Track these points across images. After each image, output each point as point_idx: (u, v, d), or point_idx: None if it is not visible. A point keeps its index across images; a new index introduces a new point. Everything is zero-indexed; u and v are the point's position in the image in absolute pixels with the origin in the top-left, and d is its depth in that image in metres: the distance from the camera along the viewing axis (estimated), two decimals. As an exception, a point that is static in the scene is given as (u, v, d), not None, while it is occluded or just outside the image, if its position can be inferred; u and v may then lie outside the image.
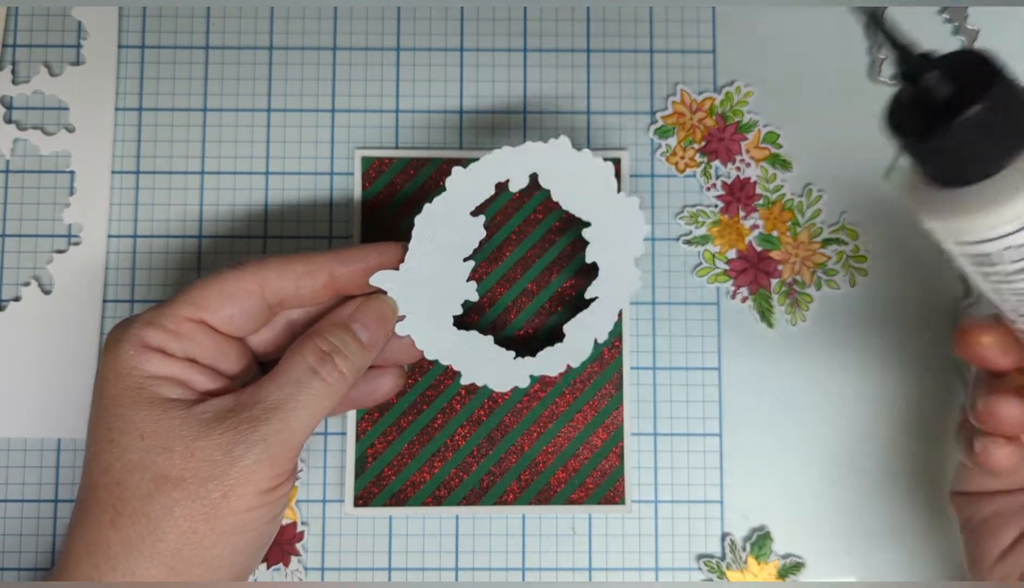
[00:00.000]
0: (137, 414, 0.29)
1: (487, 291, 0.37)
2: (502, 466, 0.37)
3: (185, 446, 0.28)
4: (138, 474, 0.28)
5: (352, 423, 0.37)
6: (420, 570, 0.37)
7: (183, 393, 0.29)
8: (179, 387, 0.29)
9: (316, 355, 0.30)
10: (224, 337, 0.31)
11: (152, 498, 0.28)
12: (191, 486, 0.28)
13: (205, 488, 0.28)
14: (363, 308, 0.31)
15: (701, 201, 0.38)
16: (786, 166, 0.38)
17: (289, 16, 0.39)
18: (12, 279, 0.38)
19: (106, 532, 0.28)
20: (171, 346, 0.30)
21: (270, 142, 0.39)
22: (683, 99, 0.39)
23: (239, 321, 0.31)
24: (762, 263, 0.38)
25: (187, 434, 0.28)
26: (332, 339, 0.30)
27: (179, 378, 0.29)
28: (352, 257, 0.31)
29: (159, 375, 0.29)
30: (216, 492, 0.28)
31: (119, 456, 0.28)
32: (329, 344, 0.30)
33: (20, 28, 0.39)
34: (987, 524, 0.28)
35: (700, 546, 0.37)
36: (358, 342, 0.31)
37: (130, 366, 0.29)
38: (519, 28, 0.39)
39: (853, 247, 0.38)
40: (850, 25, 0.39)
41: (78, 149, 0.38)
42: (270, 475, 0.29)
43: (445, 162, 0.38)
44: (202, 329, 0.30)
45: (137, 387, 0.29)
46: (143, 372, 0.29)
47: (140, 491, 0.28)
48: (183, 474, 0.28)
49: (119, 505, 0.28)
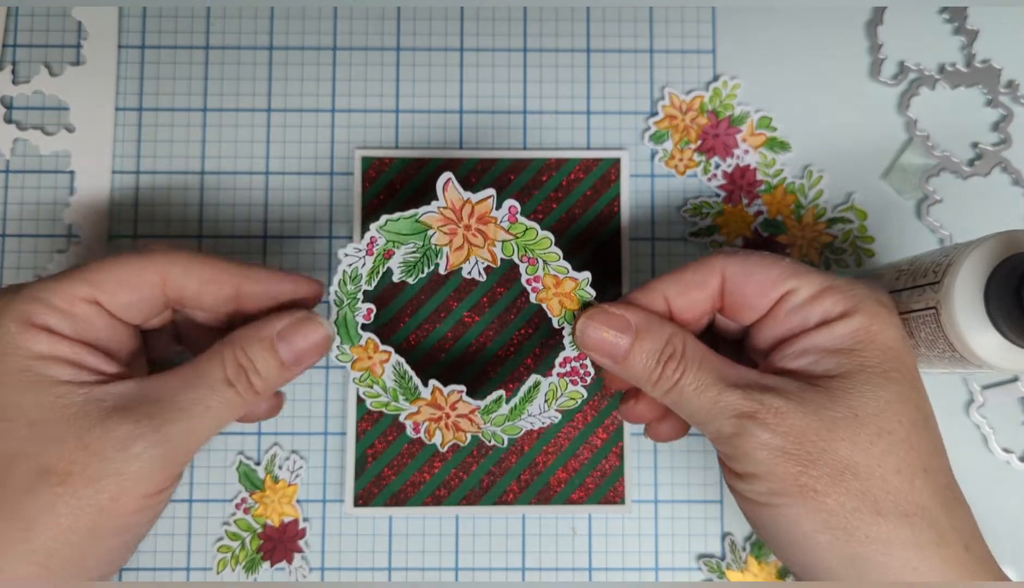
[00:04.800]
0: (24, 398, 0.26)
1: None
2: (502, 466, 0.37)
3: (78, 437, 0.26)
4: (22, 464, 0.26)
5: (352, 423, 0.37)
6: (420, 570, 0.37)
7: (75, 374, 0.27)
8: (70, 367, 0.27)
9: (234, 367, 0.28)
10: (118, 322, 0.29)
11: (32, 492, 0.25)
12: (78, 483, 0.26)
13: (93, 488, 0.26)
14: (296, 329, 0.29)
15: (703, 193, 0.38)
16: (784, 147, 0.38)
17: (289, 16, 0.39)
18: (12, 279, 0.38)
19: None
20: (61, 326, 0.27)
21: (270, 142, 0.39)
22: (672, 101, 0.39)
23: (135, 310, 0.29)
24: (770, 248, 0.38)
25: (82, 423, 0.26)
26: (253, 355, 0.28)
27: (69, 358, 0.27)
28: (265, 278, 0.30)
29: (47, 355, 0.27)
30: (105, 493, 0.26)
31: (2, 446, 0.26)
32: (248, 360, 0.28)
33: (20, 28, 0.39)
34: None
35: (700, 546, 0.37)
36: (277, 362, 0.29)
37: (14, 344, 0.27)
38: (519, 28, 0.39)
39: (859, 226, 0.38)
40: (843, 21, 0.39)
41: (78, 149, 0.38)
42: (162, 478, 0.27)
43: (445, 162, 0.38)
44: (96, 311, 0.28)
45: (21, 368, 0.26)
46: (30, 351, 0.27)
47: (19, 483, 0.26)
48: (70, 469, 0.26)
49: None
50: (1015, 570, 0.37)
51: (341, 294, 0.32)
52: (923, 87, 0.39)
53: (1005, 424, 0.38)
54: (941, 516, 0.27)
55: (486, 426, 0.33)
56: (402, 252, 0.32)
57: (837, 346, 0.28)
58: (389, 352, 0.32)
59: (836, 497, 0.26)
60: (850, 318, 0.28)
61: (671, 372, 0.29)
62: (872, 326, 0.28)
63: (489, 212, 0.31)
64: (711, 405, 0.28)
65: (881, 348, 0.28)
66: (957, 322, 0.28)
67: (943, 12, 0.39)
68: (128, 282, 0.28)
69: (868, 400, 0.27)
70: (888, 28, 0.39)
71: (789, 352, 0.29)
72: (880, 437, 0.27)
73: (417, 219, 0.31)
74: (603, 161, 0.38)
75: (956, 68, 0.39)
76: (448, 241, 0.32)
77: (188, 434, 0.27)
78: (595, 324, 0.30)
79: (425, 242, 0.32)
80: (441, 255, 0.32)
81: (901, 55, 0.39)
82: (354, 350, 0.32)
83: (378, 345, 0.32)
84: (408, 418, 0.33)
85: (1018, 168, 0.38)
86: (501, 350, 0.37)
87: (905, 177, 0.39)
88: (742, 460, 0.28)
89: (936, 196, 0.38)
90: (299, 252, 0.38)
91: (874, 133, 0.39)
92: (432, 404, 0.33)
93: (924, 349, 0.30)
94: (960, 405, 0.38)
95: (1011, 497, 0.37)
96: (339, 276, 0.32)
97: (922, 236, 0.38)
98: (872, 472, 0.26)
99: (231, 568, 0.37)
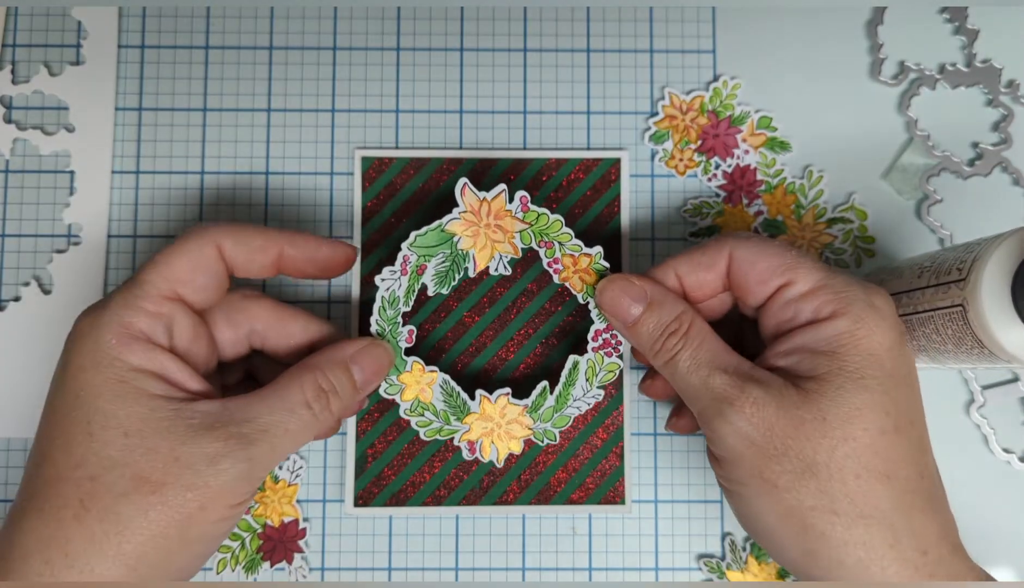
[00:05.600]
0: (121, 409, 0.28)
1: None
2: (502, 466, 0.37)
3: (170, 450, 0.28)
4: (117, 471, 0.27)
5: (352, 423, 0.37)
6: (420, 570, 0.37)
7: (166, 390, 0.29)
8: (161, 383, 0.29)
9: (314, 390, 0.30)
10: (197, 319, 0.31)
11: (128, 497, 0.27)
12: (171, 492, 0.27)
13: (184, 496, 0.27)
14: (366, 353, 0.32)
15: (703, 193, 0.38)
16: (785, 147, 0.38)
17: (289, 16, 0.39)
18: (12, 279, 0.38)
19: (67, 527, 0.27)
20: (155, 332, 0.29)
21: (270, 142, 0.39)
22: (672, 101, 0.39)
23: (210, 290, 0.31)
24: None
25: (174, 437, 0.28)
26: (331, 378, 0.31)
27: (161, 373, 0.29)
28: (304, 243, 0.32)
29: (143, 368, 0.28)
30: (194, 502, 0.28)
31: (97, 451, 0.27)
32: (328, 383, 0.30)
33: (20, 28, 0.39)
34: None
35: (700, 546, 0.37)
36: (352, 384, 0.31)
37: (111, 356, 0.28)
38: (519, 28, 0.39)
39: (859, 226, 0.38)
40: (843, 21, 0.39)
41: (78, 149, 0.38)
42: (244, 491, 0.29)
43: (445, 162, 0.38)
44: (179, 308, 0.30)
45: (119, 380, 0.28)
46: (127, 364, 0.28)
47: (116, 489, 0.27)
48: (164, 478, 0.27)
49: (88, 501, 0.27)
50: (1015, 570, 0.37)
51: (382, 322, 0.34)
52: (923, 87, 0.39)
53: (1005, 424, 0.38)
54: (898, 520, 0.28)
55: (536, 425, 0.34)
56: (433, 264, 0.34)
57: (821, 347, 0.29)
58: (435, 372, 0.34)
59: (795, 494, 0.28)
60: (836, 320, 0.29)
61: (671, 345, 0.31)
62: (858, 330, 0.29)
63: (504, 207, 0.33)
64: (699, 384, 0.30)
65: (863, 353, 0.29)
66: (985, 318, 0.28)
67: (943, 12, 0.39)
68: (198, 264, 0.30)
69: (839, 405, 0.28)
70: (888, 28, 0.39)
71: (781, 349, 0.30)
72: (844, 442, 0.28)
73: (442, 229, 0.33)
74: (603, 161, 0.38)
75: (956, 68, 0.39)
76: (472, 244, 0.34)
77: (269, 453, 0.29)
78: (614, 288, 0.32)
79: (453, 250, 0.34)
80: (468, 259, 0.34)
81: (901, 55, 0.39)
82: (401, 378, 0.34)
83: (424, 367, 0.34)
84: (463, 439, 0.34)
85: (1018, 168, 0.38)
86: (503, 350, 0.37)
87: (905, 177, 0.39)
88: (717, 443, 0.29)
89: (936, 196, 0.38)
90: (299, 252, 0.38)
91: (874, 133, 0.39)
92: (482, 417, 0.34)
93: (951, 346, 0.30)
94: (960, 405, 0.38)
95: (1011, 497, 0.37)
96: (378, 303, 0.33)
97: (922, 236, 0.38)
98: (832, 474, 0.28)
99: (231, 568, 0.37)
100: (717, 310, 0.34)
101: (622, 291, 0.32)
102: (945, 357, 0.31)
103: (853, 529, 0.27)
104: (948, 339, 0.30)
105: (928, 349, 0.32)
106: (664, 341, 0.31)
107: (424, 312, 0.37)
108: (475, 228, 0.33)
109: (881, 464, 0.28)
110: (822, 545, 0.28)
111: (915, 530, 0.28)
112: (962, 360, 0.31)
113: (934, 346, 0.31)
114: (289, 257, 0.32)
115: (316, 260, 0.32)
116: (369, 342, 0.32)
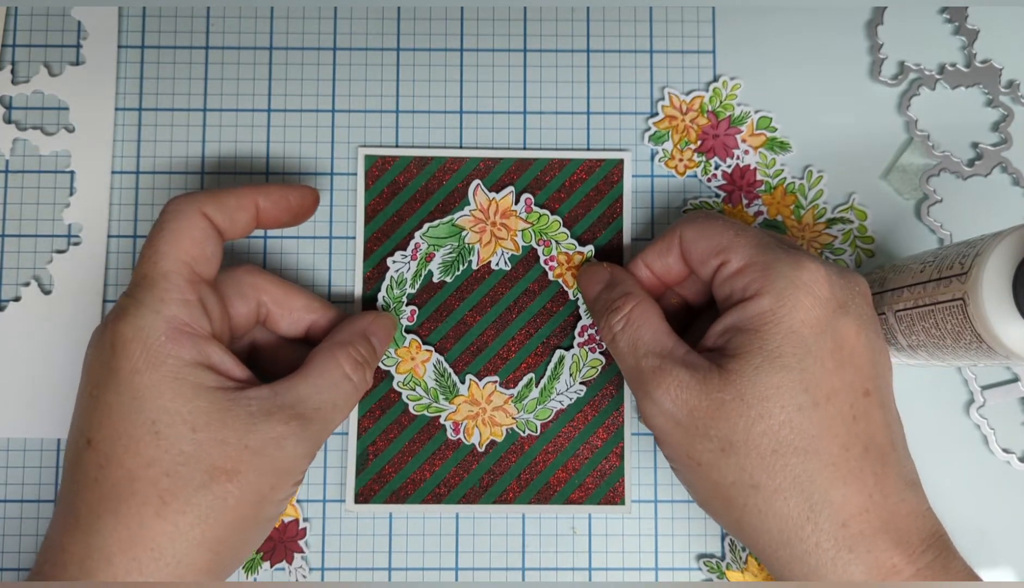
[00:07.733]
0: (184, 406, 0.28)
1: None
2: (502, 465, 0.37)
3: (239, 438, 0.29)
4: (191, 465, 0.28)
5: (354, 420, 0.37)
6: (420, 570, 0.37)
7: (218, 381, 0.29)
8: (212, 374, 0.29)
9: (351, 363, 0.32)
10: (218, 295, 0.32)
11: (207, 488, 0.28)
12: (246, 478, 0.29)
13: (259, 480, 0.29)
14: (379, 323, 0.34)
15: (703, 193, 0.39)
16: (784, 147, 0.38)
17: (289, 16, 0.39)
18: (12, 279, 0.38)
19: (151, 524, 0.28)
20: (197, 319, 0.30)
21: (270, 142, 0.39)
22: (672, 102, 0.39)
23: (217, 259, 0.31)
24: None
25: (239, 426, 0.29)
26: (362, 349, 0.33)
27: (210, 364, 0.30)
28: (274, 192, 0.33)
29: (195, 362, 0.29)
30: (267, 484, 0.29)
31: (168, 449, 0.28)
32: (359, 354, 0.32)
33: (20, 28, 0.39)
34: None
35: (700, 546, 0.37)
36: (375, 352, 0.34)
37: (164, 354, 0.29)
38: (519, 28, 0.39)
39: (859, 226, 0.38)
40: (843, 21, 0.39)
41: (78, 149, 0.38)
42: (305, 467, 0.31)
43: (448, 160, 0.38)
44: (203, 287, 0.31)
45: (175, 377, 0.29)
46: (180, 359, 0.29)
47: (193, 482, 0.28)
48: (238, 466, 0.28)
49: (167, 496, 0.28)
50: (1014, 570, 0.37)
51: (388, 298, 0.37)
52: (923, 87, 0.39)
53: (1005, 424, 0.38)
54: (815, 493, 0.28)
55: (520, 415, 0.36)
56: (441, 254, 0.37)
57: (744, 326, 0.30)
58: (431, 351, 0.36)
59: (718, 471, 0.29)
60: (760, 298, 0.30)
61: (613, 322, 0.32)
62: (779, 308, 0.29)
63: (510, 206, 0.37)
64: (633, 363, 0.31)
65: (784, 331, 0.29)
66: (985, 313, 0.28)
67: (943, 12, 0.39)
68: (199, 236, 0.30)
69: (755, 384, 0.29)
70: (888, 28, 0.39)
71: (716, 329, 0.31)
72: (760, 420, 0.29)
73: (453, 223, 0.37)
74: (606, 162, 0.38)
75: (956, 68, 0.39)
76: (478, 239, 0.37)
77: (323, 428, 0.31)
78: (585, 270, 0.36)
79: (460, 242, 0.37)
80: (473, 252, 0.37)
81: (901, 55, 0.39)
82: (398, 352, 0.36)
83: (420, 345, 0.37)
84: (448, 418, 0.36)
85: (1018, 168, 0.38)
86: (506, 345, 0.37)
87: (905, 177, 0.39)
88: (647, 422, 0.31)
89: (936, 196, 0.38)
90: (299, 252, 0.38)
91: (874, 133, 0.39)
92: (469, 400, 0.37)
93: (950, 340, 0.30)
94: (960, 405, 0.38)
95: (1011, 497, 0.37)
96: (386, 282, 0.37)
97: (922, 236, 0.39)
98: (750, 451, 0.29)
99: (231, 568, 0.37)
100: (703, 294, 0.35)
101: (591, 273, 0.35)
102: (944, 352, 0.31)
103: (772, 502, 0.29)
104: (947, 334, 0.30)
105: (927, 344, 0.32)
106: (607, 317, 0.33)
107: (426, 311, 0.37)
108: (482, 224, 0.37)
109: (798, 440, 0.29)
110: (745, 516, 0.29)
111: (833, 502, 0.28)
112: (960, 356, 0.31)
113: (933, 341, 0.31)
114: (264, 209, 0.33)
115: (290, 207, 0.33)
116: (377, 313, 0.35)
